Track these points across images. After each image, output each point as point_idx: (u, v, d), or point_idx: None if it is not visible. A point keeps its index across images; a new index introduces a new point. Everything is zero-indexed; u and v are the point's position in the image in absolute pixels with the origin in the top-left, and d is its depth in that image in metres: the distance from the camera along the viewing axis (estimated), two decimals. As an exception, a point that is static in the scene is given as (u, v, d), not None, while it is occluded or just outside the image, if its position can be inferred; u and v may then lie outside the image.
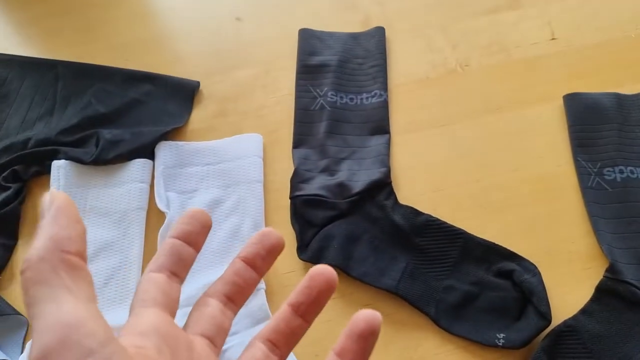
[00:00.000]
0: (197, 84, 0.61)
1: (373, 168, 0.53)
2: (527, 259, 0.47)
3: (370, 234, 0.50)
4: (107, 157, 0.54)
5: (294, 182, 0.53)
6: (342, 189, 0.52)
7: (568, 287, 0.47)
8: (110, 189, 0.53)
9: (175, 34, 0.67)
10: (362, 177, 0.53)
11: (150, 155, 0.55)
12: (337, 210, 0.51)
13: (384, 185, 0.52)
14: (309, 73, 0.60)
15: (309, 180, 0.53)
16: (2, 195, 0.53)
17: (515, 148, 0.55)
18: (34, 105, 0.60)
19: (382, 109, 0.57)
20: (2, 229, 0.52)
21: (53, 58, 0.63)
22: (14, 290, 0.50)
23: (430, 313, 0.46)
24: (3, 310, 0.47)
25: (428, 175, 0.54)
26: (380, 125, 0.56)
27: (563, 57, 0.60)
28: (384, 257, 0.49)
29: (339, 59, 0.61)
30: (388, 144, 0.55)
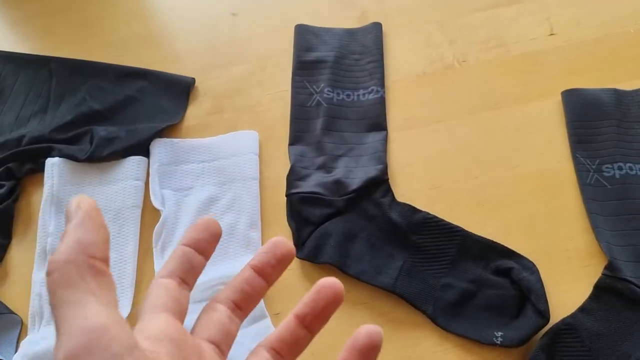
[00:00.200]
0: (192, 81, 0.60)
1: (370, 165, 0.53)
2: (525, 257, 0.47)
3: (367, 232, 0.50)
4: (101, 154, 0.54)
5: (290, 179, 0.52)
6: (338, 187, 0.52)
7: (566, 284, 0.47)
8: (105, 187, 0.53)
9: (171, 31, 0.66)
10: (359, 174, 0.52)
11: (146, 153, 0.55)
12: (333, 208, 0.51)
13: (381, 183, 0.52)
14: (306, 69, 0.60)
15: (306, 178, 0.53)
16: (-5, 193, 0.52)
17: (514, 145, 0.55)
18: (28, 102, 0.59)
19: (379, 105, 0.57)
20: (-5, 227, 0.52)
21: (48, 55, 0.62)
22: (8, 289, 0.50)
23: (428, 311, 0.46)
24: (-3, 310, 0.47)
25: (425, 172, 0.54)
26: (377, 122, 0.56)
27: (562, 52, 0.60)
28: (381, 255, 0.48)
29: (336, 55, 0.60)
30: (385, 141, 0.55)
